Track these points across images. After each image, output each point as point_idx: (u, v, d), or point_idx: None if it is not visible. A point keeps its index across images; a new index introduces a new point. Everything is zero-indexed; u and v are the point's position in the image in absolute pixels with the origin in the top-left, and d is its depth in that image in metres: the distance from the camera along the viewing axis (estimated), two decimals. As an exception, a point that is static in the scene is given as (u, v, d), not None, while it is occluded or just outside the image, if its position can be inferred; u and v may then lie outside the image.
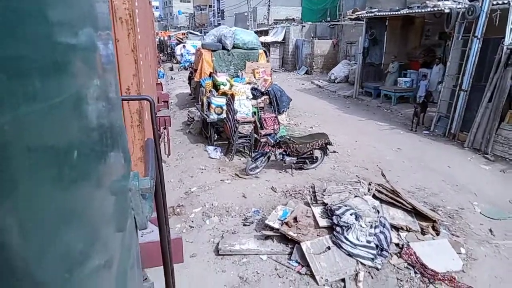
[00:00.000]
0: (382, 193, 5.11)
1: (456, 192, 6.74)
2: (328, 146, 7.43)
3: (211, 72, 11.92)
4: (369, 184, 5.30)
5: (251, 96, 8.85)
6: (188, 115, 11.13)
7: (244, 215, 5.76)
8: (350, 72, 18.32)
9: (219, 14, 52.15)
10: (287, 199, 6.21)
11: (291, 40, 26.08)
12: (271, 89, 11.11)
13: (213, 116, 8.40)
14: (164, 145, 7.50)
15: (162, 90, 11.62)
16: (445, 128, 10.32)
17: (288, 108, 11.71)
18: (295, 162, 7.23)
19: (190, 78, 15.49)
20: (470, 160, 8.46)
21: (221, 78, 8.95)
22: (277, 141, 6.97)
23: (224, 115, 8.37)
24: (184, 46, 25.73)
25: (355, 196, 4.93)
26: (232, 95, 8.40)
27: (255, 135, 8.14)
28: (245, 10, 39.92)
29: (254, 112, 8.95)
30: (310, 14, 28.17)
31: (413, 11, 12.55)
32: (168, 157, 8.04)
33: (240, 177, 7.14)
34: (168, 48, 33.42)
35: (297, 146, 7.00)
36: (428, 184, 7.07)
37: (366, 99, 15.19)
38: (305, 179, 7.08)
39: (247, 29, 23.79)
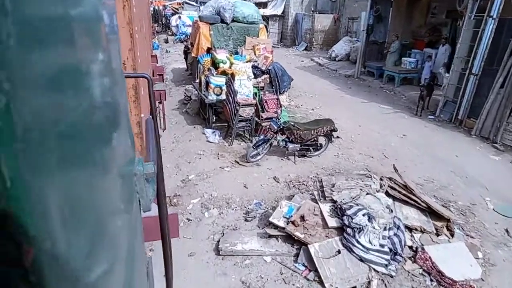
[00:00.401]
0: (395, 189, 4.76)
1: (466, 185, 6.43)
2: (333, 133, 7.03)
3: (209, 48, 11.29)
4: (381, 180, 4.94)
5: (253, 76, 8.33)
6: (185, 93, 10.60)
7: (246, 207, 5.41)
8: (352, 50, 17.69)
9: (216, -17, 49.99)
10: (291, 191, 5.86)
11: (290, 13, 25.13)
12: (272, 67, 10.58)
13: (212, 97, 7.90)
14: (160, 119, 7.58)
15: (157, 63, 11.21)
16: (451, 113, 9.94)
17: (289, 88, 11.21)
18: (298, 149, 6.85)
19: (186, 53, 14.81)
20: (479, 149, 8.14)
21: (221, 55, 8.38)
22: (281, 127, 6.54)
23: (223, 96, 7.87)
24: (179, 17, 24.70)
25: (367, 194, 4.58)
26: (232, 75, 7.88)
27: (256, 119, 7.69)
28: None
29: (255, 93, 8.46)
30: (311, -14, 27.05)
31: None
32: (163, 131, 7.92)
33: (240, 164, 6.75)
34: (163, 19, 32.19)
35: (301, 132, 6.59)
36: (437, 175, 6.76)
37: (368, 79, 14.70)
38: (308, 168, 6.71)
39: (246, 0, 22.82)
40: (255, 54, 10.82)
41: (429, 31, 14.65)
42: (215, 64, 8.60)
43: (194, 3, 33.47)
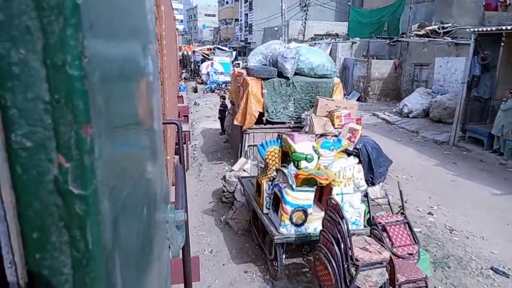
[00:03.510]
0: None
1: None
2: None
3: (260, 113, 7.63)
4: None
5: (364, 185, 4.36)
6: (224, 186, 6.74)
7: None
8: (433, 105, 13.69)
9: (247, 29, 48.65)
10: None
11: (338, 58, 21.68)
12: (362, 145, 6.71)
13: (287, 230, 3.98)
14: (184, 161, 4.82)
15: (183, 103, 11.25)
16: None
17: (386, 176, 7.24)
18: None
19: (222, 112, 11.29)
20: None
21: (303, 145, 4.32)
22: None
23: (309, 228, 3.95)
24: (212, 64, 21.64)
25: None
26: (328, 187, 3.98)
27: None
28: (274, 25, 36.22)
29: (365, 212, 4.48)
30: (360, 29, 23.76)
31: None
32: (187, 171, 6.56)
33: None
34: (192, 64, 29.68)
35: None
36: None
37: (475, 150, 10.48)
38: None
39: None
40: (333, 124, 7.01)
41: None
42: (287, 156, 4.71)
43: (226, 49, 30.97)
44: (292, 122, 8.02)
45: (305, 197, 3.94)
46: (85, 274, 0.42)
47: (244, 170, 7.01)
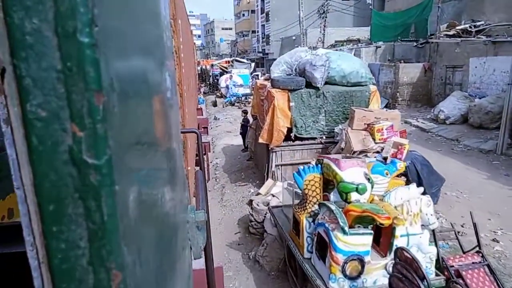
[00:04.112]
0: None
1: None
2: None
3: (288, 129, 6.80)
4: None
5: (436, 222, 3.42)
6: (251, 215, 5.88)
7: None
8: (473, 110, 12.51)
9: (264, 40, 48.22)
10: None
11: (362, 65, 20.70)
12: (410, 162, 5.78)
13: (340, 285, 3.09)
14: (205, 171, 4.39)
15: (202, 115, 11.41)
16: None
17: (439, 196, 6.25)
18: None
19: (244, 127, 10.52)
20: None
21: (351, 172, 3.41)
22: None
23: (366, 281, 3.06)
24: (231, 77, 21.03)
25: None
26: (390, 228, 3.09)
27: None
28: (291, 34, 35.59)
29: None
30: (383, 32, 22.71)
31: None
32: (208, 182, 6.47)
33: None
34: (210, 78, 29.31)
35: None
36: None
37: (529, 159, 9.32)
38: None
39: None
40: (373, 139, 6.10)
41: None
42: (328, 183, 3.84)
43: (244, 61, 30.43)
44: (324, 137, 7.16)
45: (361, 241, 3.06)
46: (101, 246, 0.41)
47: (273, 195, 6.16)
